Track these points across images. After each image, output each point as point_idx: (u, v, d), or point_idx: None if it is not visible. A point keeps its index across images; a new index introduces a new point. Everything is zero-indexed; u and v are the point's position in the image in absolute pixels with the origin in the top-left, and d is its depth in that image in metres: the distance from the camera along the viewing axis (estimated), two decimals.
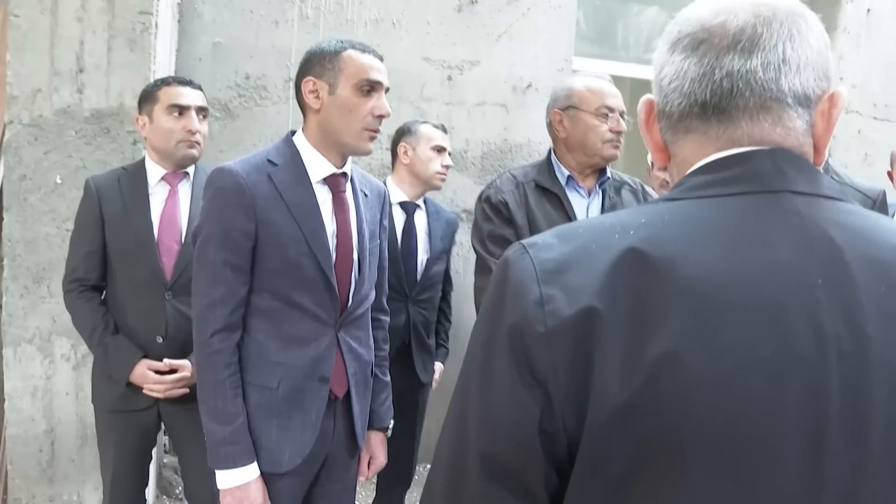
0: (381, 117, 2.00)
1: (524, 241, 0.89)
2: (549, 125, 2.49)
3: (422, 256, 3.02)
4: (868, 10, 4.84)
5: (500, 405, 0.83)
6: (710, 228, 0.83)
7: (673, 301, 0.78)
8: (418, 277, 3.00)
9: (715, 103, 0.90)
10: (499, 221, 2.38)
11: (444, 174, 3.08)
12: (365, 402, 2.14)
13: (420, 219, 3.06)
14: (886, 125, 4.92)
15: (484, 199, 2.45)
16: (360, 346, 2.10)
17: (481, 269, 2.41)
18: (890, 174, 3.10)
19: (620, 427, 0.77)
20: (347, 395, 2.07)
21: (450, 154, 3.13)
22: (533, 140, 4.34)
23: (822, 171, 0.92)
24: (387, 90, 2.03)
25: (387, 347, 2.30)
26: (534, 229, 2.34)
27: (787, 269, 0.81)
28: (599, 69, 4.79)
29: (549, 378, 0.80)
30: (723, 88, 0.89)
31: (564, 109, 2.43)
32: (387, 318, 2.32)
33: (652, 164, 3.41)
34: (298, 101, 2.05)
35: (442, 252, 3.11)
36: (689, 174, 0.91)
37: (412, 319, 2.98)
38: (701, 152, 0.92)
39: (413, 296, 2.98)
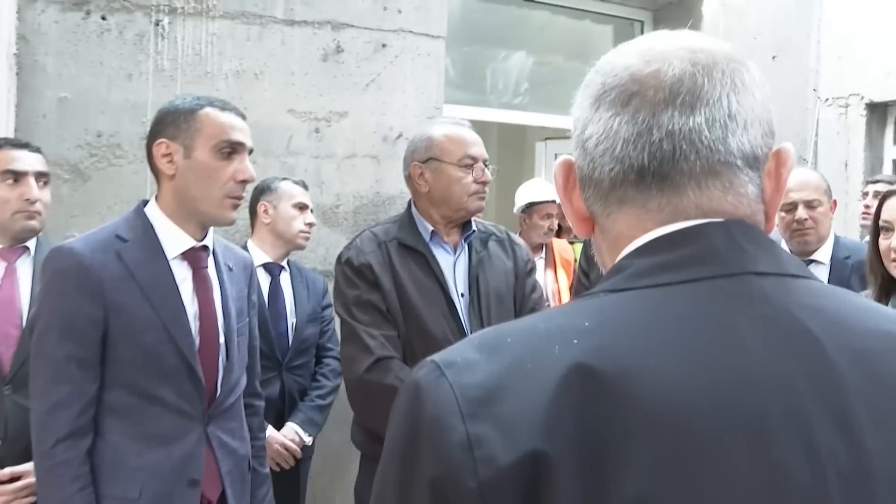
0: (244, 182, 1.81)
1: (437, 360, 0.69)
2: (409, 179, 2.36)
3: (290, 320, 2.83)
4: None
5: None
6: (667, 329, 0.68)
7: (637, 432, 0.62)
8: (290, 342, 2.80)
9: (655, 168, 0.75)
10: (364, 286, 2.21)
11: (308, 233, 2.92)
12: (244, 502, 1.91)
13: (285, 280, 2.88)
14: None
15: (345, 262, 2.26)
16: (233, 440, 1.88)
17: (347, 337, 2.23)
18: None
19: None
20: (222, 497, 1.84)
21: (311, 211, 2.97)
22: (405, 191, 4.16)
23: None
24: (250, 151, 1.83)
25: (263, 435, 2.09)
26: (401, 293, 2.20)
27: (765, 373, 0.66)
28: (469, 115, 4.75)
29: None
30: (663, 151, 0.75)
31: (425, 162, 2.29)
32: (261, 403, 2.11)
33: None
34: (151, 167, 1.83)
35: (312, 315, 2.91)
36: (628, 255, 0.76)
37: (287, 388, 2.78)
38: (639, 227, 0.77)
39: (286, 363, 2.78)
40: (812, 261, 2.97)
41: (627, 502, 0.60)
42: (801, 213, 2.93)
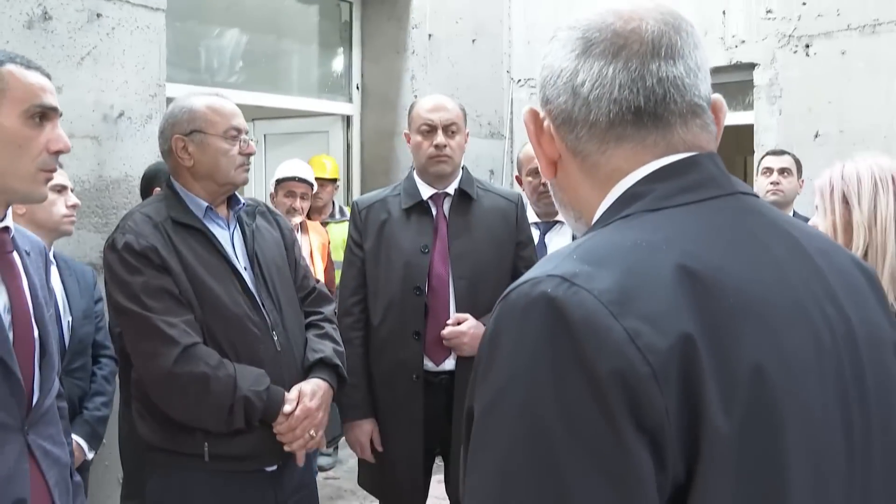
0: (58, 153, 1.58)
1: (558, 274, 0.76)
2: (168, 153, 2.18)
3: (65, 319, 2.51)
4: (430, 35, 5.25)
5: (614, 472, 0.69)
6: (718, 236, 0.83)
7: (735, 315, 0.76)
8: (67, 344, 2.48)
9: (650, 109, 0.88)
10: (150, 271, 2.03)
11: (73, 216, 2.60)
12: None
13: (54, 275, 2.53)
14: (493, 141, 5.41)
15: (122, 247, 2.04)
16: (55, 447, 1.65)
17: (142, 331, 2.02)
18: (518, 178, 3.36)
19: (732, 459, 0.71)
20: None
21: (72, 191, 2.66)
22: (130, 175, 3.89)
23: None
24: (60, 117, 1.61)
25: (71, 440, 1.85)
26: (190, 274, 2.07)
27: (787, 266, 0.84)
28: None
29: (662, 425, 0.70)
30: (656, 94, 0.88)
31: (188, 134, 2.14)
32: (65, 405, 1.86)
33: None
34: None
35: (87, 311, 2.61)
36: (639, 182, 0.88)
37: (67, 394, 2.46)
38: (637, 161, 0.89)
39: (65, 366, 2.46)
40: (556, 221, 3.25)
41: (747, 371, 0.73)
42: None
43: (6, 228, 1.59)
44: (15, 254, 1.61)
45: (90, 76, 3.73)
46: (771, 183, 3.99)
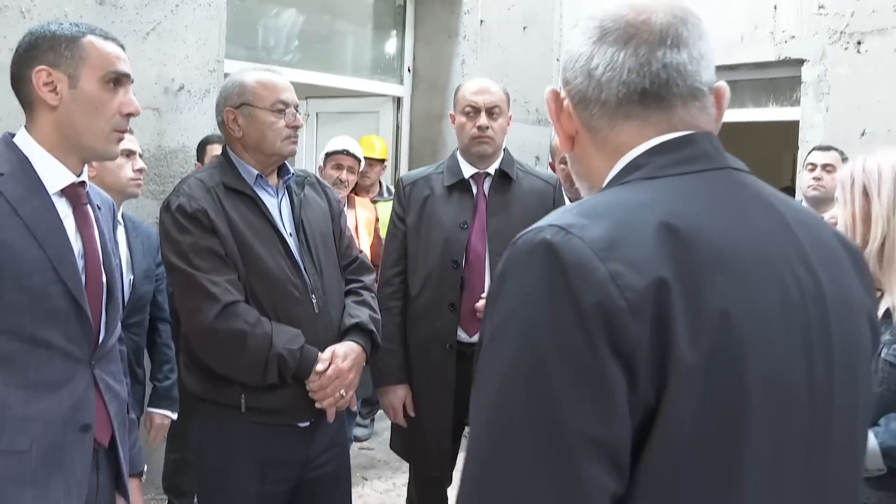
0: (129, 115, 1.74)
1: (556, 223, 0.89)
2: (222, 124, 2.33)
3: (127, 277, 2.67)
4: (481, 21, 5.35)
5: (593, 386, 0.83)
6: (702, 201, 0.95)
7: (709, 267, 0.88)
8: (126, 300, 2.66)
9: (654, 91, 1.00)
10: (199, 232, 2.17)
11: (139, 179, 2.77)
12: (126, 446, 1.85)
13: (120, 235, 2.70)
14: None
15: (176, 209, 2.19)
16: (116, 383, 1.81)
17: (189, 287, 2.17)
18: (552, 165, 3.46)
19: (696, 389, 0.84)
20: (111, 441, 1.77)
21: (141, 156, 2.82)
22: (187, 145, 4.08)
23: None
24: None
25: (128, 381, 2.01)
26: (237, 236, 2.20)
27: (763, 231, 0.96)
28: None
29: (634, 351, 0.83)
30: (660, 78, 1.00)
31: (238, 107, 2.28)
32: (125, 348, 2.03)
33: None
34: (21, 95, 1.70)
35: (148, 272, 2.78)
36: (641, 155, 1.01)
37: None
38: (641, 136, 1.01)
39: (123, 320, 2.63)
40: None
41: (714, 314, 0.86)
42: None
43: (83, 183, 1.75)
44: (88, 206, 1.77)
45: (154, 51, 3.91)
46: (813, 178, 4.03)
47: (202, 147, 3.79)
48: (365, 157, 4.62)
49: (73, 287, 1.66)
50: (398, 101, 5.57)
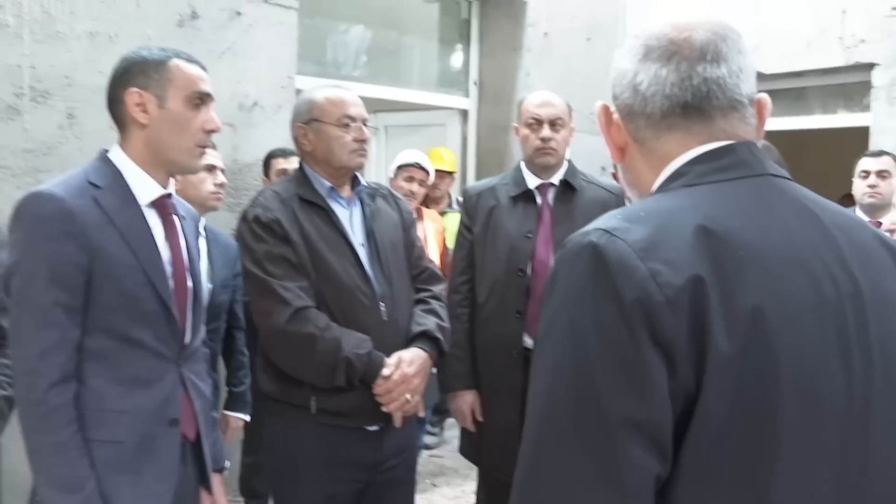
0: (211, 132, 1.86)
1: (602, 227, 0.97)
2: (295, 140, 2.47)
3: (206, 285, 2.81)
4: (545, 34, 5.41)
5: (635, 374, 0.90)
6: (738, 206, 1.01)
7: (743, 265, 0.94)
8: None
9: (696, 104, 1.07)
10: (273, 241, 2.29)
11: (220, 193, 2.91)
12: (211, 442, 1.96)
13: (201, 245, 2.85)
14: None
15: (252, 219, 2.32)
16: (201, 382, 1.93)
17: (262, 292, 2.28)
18: (615, 175, 3.50)
19: (732, 377, 0.90)
20: (197, 436, 1.89)
21: (223, 171, 2.96)
22: (261, 159, 4.22)
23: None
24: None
25: (211, 381, 2.13)
26: (309, 245, 2.31)
27: (798, 233, 1.01)
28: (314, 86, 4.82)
29: (673, 342, 0.90)
30: (701, 91, 1.07)
31: (307, 123, 2.41)
32: (207, 350, 2.15)
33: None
34: (115, 115, 1.83)
35: (225, 282, 2.92)
36: (684, 164, 1.08)
37: None
38: (684, 146, 1.08)
39: None
40: None
41: (748, 309, 0.92)
42: None
43: (169, 195, 1.88)
44: (175, 217, 1.90)
45: (229, 68, 4.08)
46: (868, 186, 3.96)
47: (267, 162, 3.93)
48: (435, 170, 4.73)
49: (162, 290, 1.78)
50: (464, 113, 5.67)
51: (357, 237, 2.40)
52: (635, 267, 0.92)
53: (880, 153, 4.10)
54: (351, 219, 2.43)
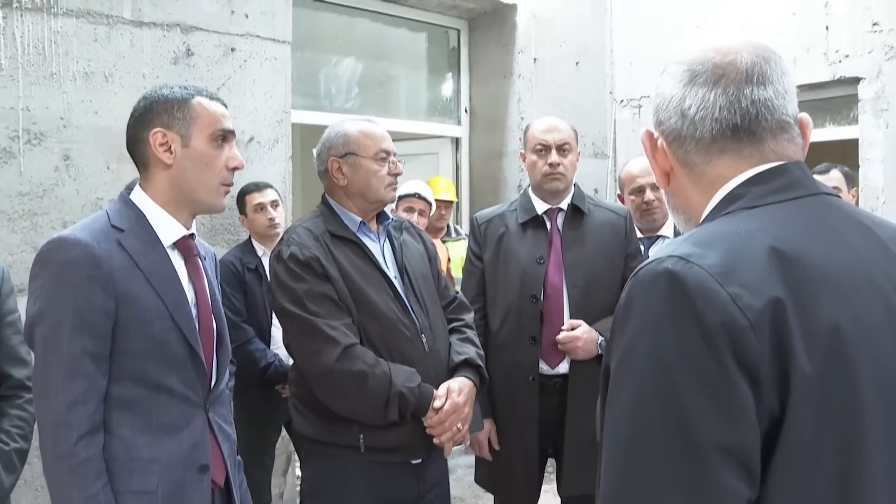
0: (235, 169, 1.84)
1: (675, 254, 0.98)
2: (325, 173, 2.44)
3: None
4: (535, 59, 5.45)
5: (724, 399, 0.90)
6: (802, 226, 1.03)
7: (817, 285, 0.96)
8: None
9: (745, 126, 1.09)
10: (313, 279, 2.26)
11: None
12: (238, 485, 1.92)
13: None
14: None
15: (288, 258, 2.28)
16: (227, 425, 1.90)
17: (307, 332, 2.23)
18: (620, 197, 3.50)
19: (815, 397, 0.91)
20: (226, 480, 1.85)
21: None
22: None
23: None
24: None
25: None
26: (348, 281, 2.29)
27: (861, 250, 1.03)
28: (309, 120, 4.82)
29: (758, 365, 0.90)
30: (750, 114, 1.08)
31: (343, 157, 2.39)
32: (229, 392, 2.11)
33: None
34: (137, 155, 1.81)
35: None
36: (739, 186, 1.09)
37: None
38: (736, 169, 1.10)
39: None
40: (659, 236, 3.37)
41: (827, 328, 0.93)
42: (649, 195, 3.30)
43: (192, 235, 1.85)
44: (198, 258, 1.88)
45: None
46: None
47: (241, 199, 3.87)
48: (439, 200, 4.74)
49: (189, 333, 1.75)
50: (457, 141, 5.67)
51: (390, 271, 2.39)
52: (716, 291, 0.92)
53: (828, 168, 4.07)
54: (382, 252, 2.43)
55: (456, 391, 2.33)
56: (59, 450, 1.60)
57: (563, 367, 2.84)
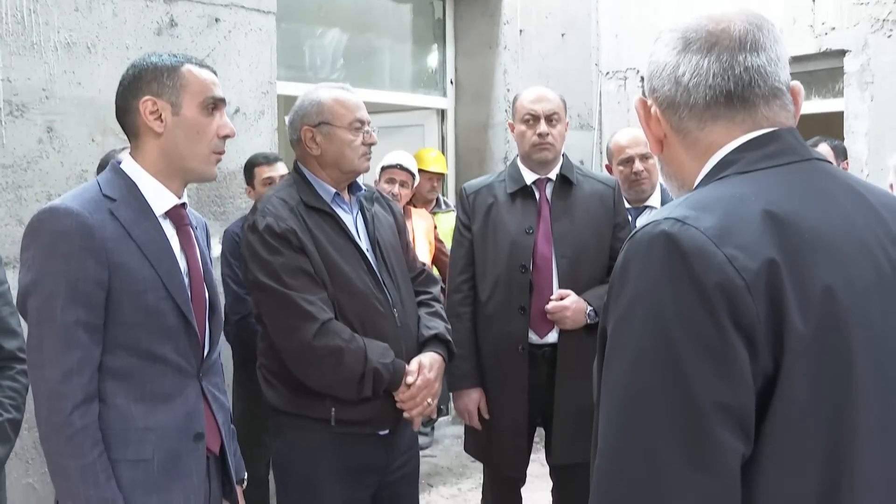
0: (226, 137, 1.83)
1: (672, 216, 0.99)
2: (298, 142, 2.37)
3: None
4: (521, 31, 5.42)
5: (722, 359, 0.92)
6: (795, 190, 1.05)
7: (811, 247, 0.98)
8: None
9: (739, 93, 1.10)
10: (289, 251, 2.21)
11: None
12: (232, 453, 1.93)
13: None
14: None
15: (263, 229, 2.21)
16: (220, 394, 1.91)
17: (284, 306, 2.19)
18: (608, 167, 3.50)
19: (808, 356, 0.93)
20: (221, 449, 1.85)
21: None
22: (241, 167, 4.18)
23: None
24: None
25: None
26: (323, 254, 2.25)
27: (853, 213, 1.05)
28: (295, 91, 4.78)
29: (754, 325, 0.92)
30: (744, 80, 1.10)
31: (316, 126, 2.33)
32: (221, 361, 2.11)
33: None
34: (126, 125, 1.79)
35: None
36: (732, 152, 1.11)
37: None
38: (729, 135, 1.11)
39: None
40: (647, 206, 3.38)
41: (820, 289, 0.95)
42: (638, 165, 3.30)
43: (184, 204, 1.84)
44: (190, 227, 1.86)
45: None
46: None
47: (249, 170, 3.87)
48: (430, 172, 4.75)
49: (182, 303, 1.75)
50: (442, 113, 5.66)
51: (363, 243, 2.37)
52: (712, 253, 0.94)
53: (817, 142, 4.06)
54: (356, 224, 2.39)
55: (427, 367, 2.33)
56: (54, 420, 1.60)
57: (553, 337, 2.85)
